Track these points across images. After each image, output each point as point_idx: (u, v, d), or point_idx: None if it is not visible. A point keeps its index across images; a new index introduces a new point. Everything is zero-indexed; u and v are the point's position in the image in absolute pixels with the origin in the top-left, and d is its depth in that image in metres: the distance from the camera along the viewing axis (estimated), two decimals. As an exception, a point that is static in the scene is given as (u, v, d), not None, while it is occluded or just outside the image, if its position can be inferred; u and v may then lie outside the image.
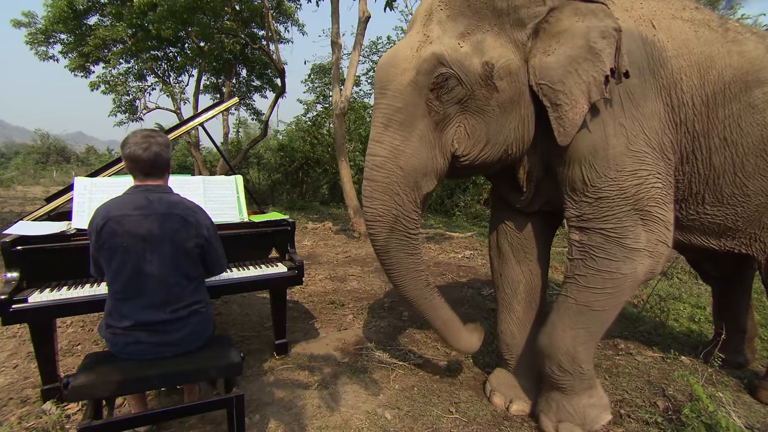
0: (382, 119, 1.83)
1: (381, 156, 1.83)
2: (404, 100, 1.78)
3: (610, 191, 1.90)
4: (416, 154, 1.82)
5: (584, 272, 2.01)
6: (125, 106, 13.26)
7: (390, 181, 1.83)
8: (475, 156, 1.88)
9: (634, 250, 1.94)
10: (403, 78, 1.77)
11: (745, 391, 2.64)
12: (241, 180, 2.90)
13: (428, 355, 3.01)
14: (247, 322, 3.60)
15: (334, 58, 7.30)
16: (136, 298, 1.68)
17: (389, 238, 1.90)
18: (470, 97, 1.78)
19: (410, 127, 1.80)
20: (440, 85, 1.75)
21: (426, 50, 1.75)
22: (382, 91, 1.83)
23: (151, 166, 1.76)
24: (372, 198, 1.86)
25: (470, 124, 1.83)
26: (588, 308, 2.01)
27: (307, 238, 7.41)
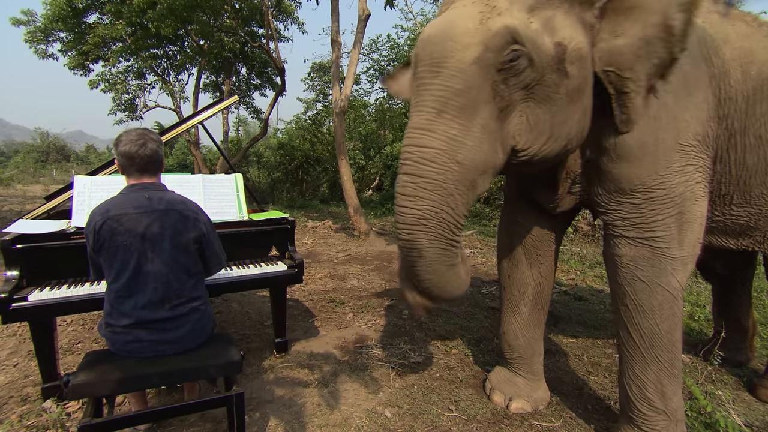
0: (435, 103, 1.51)
1: (433, 148, 1.50)
2: (466, 81, 1.48)
3: (660, 191, 1.75)
4: (477, 146, 1.52)
5: (638, 299, 1.83)
6: (125, 105, 13.28)
7: (443, 179, 1.51)
8: (536, 151, 1.64)
9: (679, 259, 1.81)
10: (466, 54, 1.48)
11: (745, 389, 2.65)
12: (241, 178, 2.90)
13: (428, 353, 3.01)
14: (247, 321, 3.60)
15: (334, 56, 7.29)
16: (137, 297, 1.68)
17: (431, 247, 1.56)
18: (538, 83, 1.54)
19: (471, 115, 1.50)
20: (510, 65, 1.48)
21: (496, 22, 1.48)
22: (434, 69, 1.52)
23: (147, 163, 1.75)
24: (416, 197, 1.53)
25: (534, 114, 1.58)
26: (658, 338, 1.84)
27: (307, 236, 7.41)
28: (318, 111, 15.12)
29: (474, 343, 3.18)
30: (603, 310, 4.01)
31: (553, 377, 2.68)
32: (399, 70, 2.22)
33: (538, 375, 2.43)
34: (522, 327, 2.40)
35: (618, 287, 1.90)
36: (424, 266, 1.59)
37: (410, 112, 1.61)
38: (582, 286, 4.78)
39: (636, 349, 1.89)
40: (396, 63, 11.75)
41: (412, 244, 1.58)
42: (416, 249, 1.58)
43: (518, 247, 2.36)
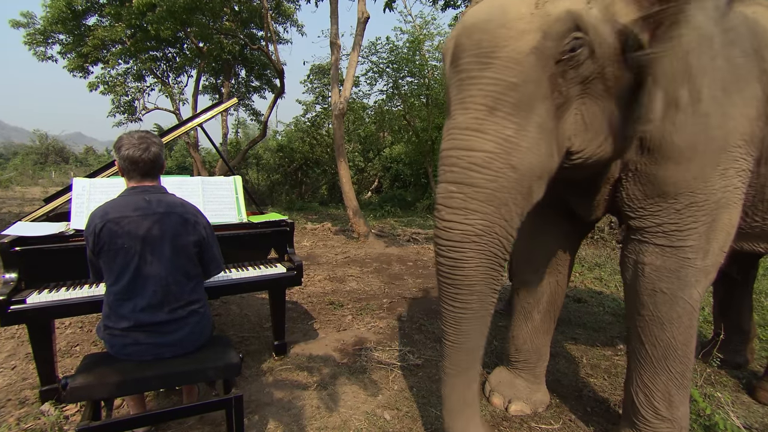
0: (485, 100, 1.33)
1: (485, 151, 1.32)
2: (522, 74, 1.31)
3: (701, 196, 1.62)
4: (534, 149, 1.35)
5: (657, 311, 1.73)
6: (124, 107, 13.28)
7: (498, 187, 1.33)
8: (591, 153, 1.49)
9: (702, 270, 1.70)
10: (522, 43, 1.30)
11: (744, 392, 2.64)
12: (240, 181, 2.90)
13: (427, 355, 3.01)
14: (246, 323, 3.59)
15: (333, 58, 7.30)
16: (136, 299, 1.68)
17: (480, 267, 1.38)
18: (597, 77, 1.39)
19: (527, 112, 1.33)
20: (570, 56, 1.32)
21: (556, 6, 1.32)
22: (483, 60, 1.34)
23: (150, 166, 1.75)
24: (466, 210, 1.34)
25: (590, 112, 1.43)
26: (672, 349, 1.76)
27: (306, 238, 7.41)
28: (317, 113, 15.14)
29: (473, 345, 3.18)
30: (602, 312, 4.01)
31: (553, 379, 2.68)
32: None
33: (539, 378, 2.42)
34: (532, 333, 2.36)
35: (636, 296, 1.80)
36: (467, 290, 1.41)
37: (451, 109, 1.42)
38: (581, 288, 4.78)
39: (647, 359, 1.81)
40: (395, 65, 11.74)
41: (457, 264, 1.38)
42: (462, 270, 1.39)
43: (538, 254, 2.26)
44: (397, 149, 14.68)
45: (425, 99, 12.04)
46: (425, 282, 4.91)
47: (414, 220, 9.97)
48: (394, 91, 12.32)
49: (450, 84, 1.46)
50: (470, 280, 1.41)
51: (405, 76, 12.01)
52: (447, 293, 1.47)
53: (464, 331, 1.53)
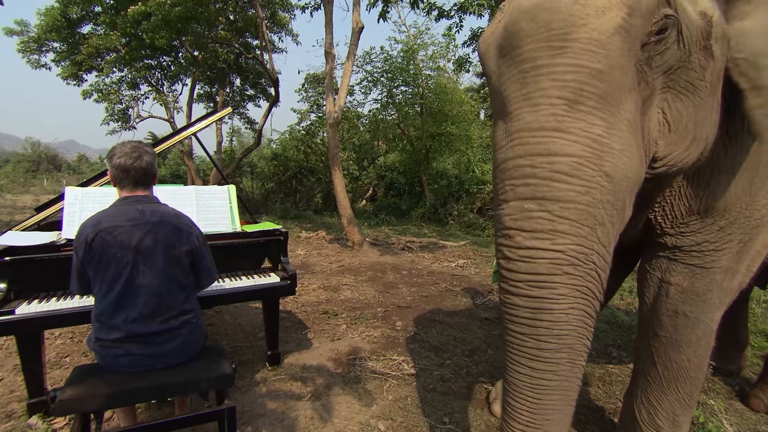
0: (563, 92, 1.07)
1: (571, 155, 1.05)
2: (608, 59, 1.06)
3: (746, 212, 1.48)
4: (627, 151, 1.09)
5: (676, 333, 1.62)
6: (118, 115, 13.26)
7: (591, 200, 1.05)
8: (677, 159, 1.24)
9: (728, 291, 1.60)
10: (605, 21, 1.05)
11: (737, 399, 2.66)
12: (233, 190, 2.90)
13: (422, 365, 3.00)
14: (240, 333, 3.56)
15: (328, 68, 7.34)
16: (128, 310, 1.66)
17: (574, 310, 1.09)
18: (683, 65, 1.16)
19: (616, 106, 1.08)
20: (658, 38, 1.10)
21: None
22: (556, 44, 1.08)
23: (142, 176, 1.74)
24: (555, 233, 1.06)
25: (674, 110, 1.19)
26: (684, 371, 1.66)
27: (301, 247, 7.38)
28: (312, 122, 15.19)
29: (468, 354, 3.17)
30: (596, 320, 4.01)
31: (547, 388, 2.68)
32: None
33: None
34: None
35: (655, 316, 1.67)
36: (556, 343, 1.09)
37: (509, 109, 1.15)
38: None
39: (657, 379, 1.72)
40: (389, 74, 11.84)
41: (544, 306, 1.07)
42: (552, 314, 1.07)
43: None
44: (392, 158, 14.74)
45: (419, 108, 12.12)
46: (420, 291, 4.90)
47: (408, 229, 9.98)
48: (389, 100, 12.40)
49: (503, 81, 1.19)
50: (560, 329, 1.08)
51: (399, 85, 12.12)
52: (523, 350, 1.12)
53: (546, 408, 1.15)
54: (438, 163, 12.93)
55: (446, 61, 12.21)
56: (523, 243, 1.08)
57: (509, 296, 1.14)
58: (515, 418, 1.18)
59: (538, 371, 1.12)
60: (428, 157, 12.43)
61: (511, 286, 1.12)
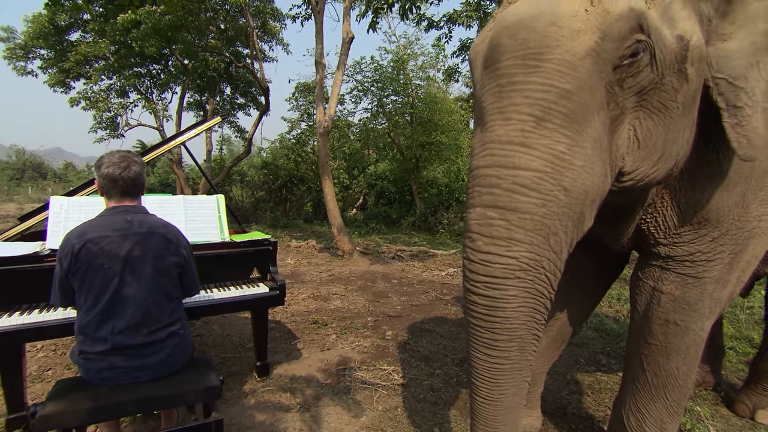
0: (532, 109, 1.14)
1: (532, 170, 1.13)
2: (577, 80, 1.12)
3: (738, 224, 1.53)
4: (588, 167, 1.16)
5: (666, 342, 1.65)
6: (106, 123, 13.14)
7: (547, 212, 1.14)
8: (644, 174, 1.31)
9: (719, 301, 1.64)
10: (577, 44, 1.12)
11: (723, 405, 2.69)
12: (222, 199, 2.88)
13: (412, 374, 2.99)
14: (228, 343, 3.52)
15: (318, 77, 7.38)
16: (114, 322, 1.63)
17: (523, 308, 1.20)
18: (655, 87, 1.22)
19: (581, 125, 1.15)
20: (630, 61, 1.16)
21: (617, 4, 1.14)
22: (530, 63, 1.14)
23: (130, 185, 1.73)
24: (510, 240, 1.15)
25: (645, 128, 1.26)
26: (673, 379, 1.69)
27: (291, 256, 7.34)
28: (302, 130, 15.21)
29: (458, 363, 3.17)
30: (585, 328, 4.04)
31: (537, 397, 2.68)
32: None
33: (533, 402, 2.34)
34: (536, 357, 2.24)
35: (646, 324, 1.71)
36: (506, 335, 1.21)
37: (486, 120, 1.22)
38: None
39: (646, 386, 1.74)
40: (380, 84, 11.92)
41: (496, 304, 1.18)
42: (503, 312, 1.18)
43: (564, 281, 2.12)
44: (382, 166, 14.79)
45: (409, 117, 12.22)
46: (410, 300, 4.89)
47: (399, 237, 9.99)
48: (379, 109, 12.48)
49: (483, 91, 1.25)
50: (511, 324, 1.20)
51: (389, 94, 12.22)
52: (481, 340, 1.25)
53: (500, 386, 1.29)
54: (428, 171, 13.01)
55: (436, 71, 12.39)
56: (483, 247, 1.18)
57: (469, 294, 1.25)
58: (478, 393, 1.35)
59: (493, 357, 1.26)
60: (418, 166, 12.50)
61: (471, 285, 1.23)
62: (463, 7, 7.02)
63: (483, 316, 1.22)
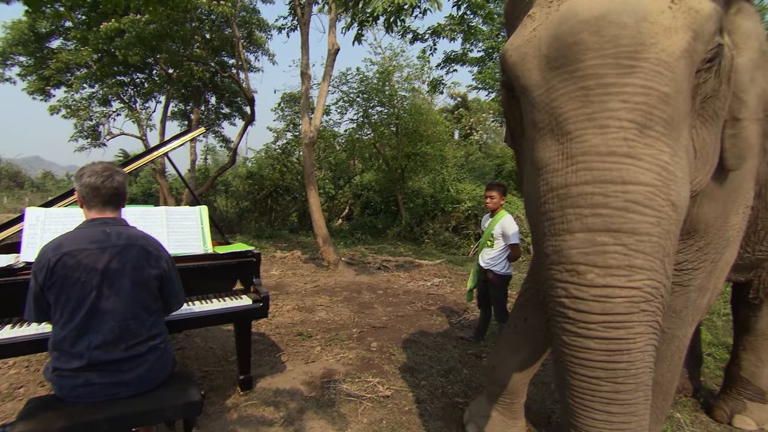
0: (634, 114, 1.01)
1: (644, 185, 1.00)
2: (675, 83, 1.02)
3: (720, 233, 1.55)
4: (686, 179, 1.07)
5: (658, 347, 1.70)
6: (88, 132, 12.90)
7: (662, 232, 1.01)
8: (698, 185, 1.25)
9: (700, 308, 1.67)
10: (672, 43, 1.02)
11: (703, 411, 2.73)
12: (206, 210, 2.85)
13: (397, 386, 2.97)
14: (211, 357, 3.46)
15: (304, 88, 7.40)
16: (90, 337, 1.59)
17: (648, 348, 1.04)
18: (714, 94, 1.17)
19: (678, 132, 1.05)
20: (709, 66, 1.10)
21: (701, 2, 1.05)
22: (625, 63, 1.02)
23: (112, 195, 1.69)
24: (631, 269, 0.99)
25: (700, 137, 1.20)
26: (658, 385, 1.66)
27: (275, 267, 7.27)
28: (288, 140, 15.17)
29: (443, 374, 3.17)
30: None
31: (521, 407, 2.69)
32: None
33: (516, 413, 2.33)
34: (516, 368, 2.23)
35: None
36: (633, 383, 1.03)
37: (570, 129, 1.07)
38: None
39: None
40: (365, 95, 12.01)
41: (621, 347, 1.00)
42: (629, 354, 1.01)
43: None
44: (368, 177, 14.81)
45: (395, 128, 12.30)
46: (395, 310, 4.88)
47: (384, 248, 9.98)
48: (365, 119, 12.54)
49: (556, 95, 1.10)
50: (637, 368, 1.01)
51: (375, 105, 12.29)
52: (599, 395, 1.04)
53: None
54: (413, 182, 13.08)
55: (421, 82, 12.52)
56: (597, 280, 1.00)
57: (579, 339, 1.04)
58: None
59: (617, 414, 1.04)
60: (404, 177, 12.56)
61: (582, 328, 1.03)
62: (447, 21, 7.15)
63: (602, 364, 1.02)
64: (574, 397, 1.08)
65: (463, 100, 17.79)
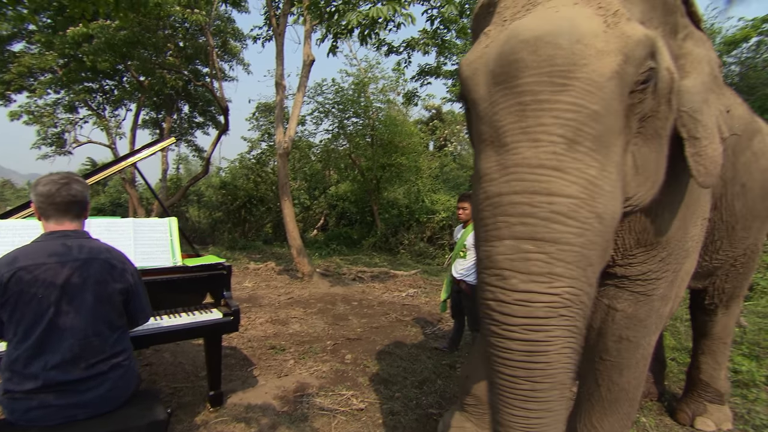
0: (563, 130, 1.08)
1: (569, 197, 1.06)
2: (605, 102, 1.09)
3: (681, 244, 1.64)
4: (615, 194, 1.14)
5: (619, 357, 1.70)
6: (52, 139, 12.45)
7: (585, 242, 1.07)
8: (639, 200, 1.31)
9: (663, 317, 1.74)
10: (603, 64, 1.09)
11: (667, 414, 2.82)
12: (175, 222, 2.79)
13: (371, 399, 2.95)
14: (180, 372, 3.35)
15: (278, 98, 7.38)
16: (47, 356, 1.51)
17: (565, 351, 1.09)
18: (653, 114, 1.26)
19: (608, 149, 1.12)
20: (642, 87, 1.17)
21: (633, 28, 1.14)
22: (558, 81, 1.09)
23: (70, 203, 1.61)
24: (552, 276, 1.05)
25: (641, 154, 1.27)
26: (624, 392, 1.75)
27: (249, 279, 7.15)
28: (263, 150, 15.04)
29: (417, 385, 3.17)
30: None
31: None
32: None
33: (488, 423, 2.28)
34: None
35: (601, 341, 1.74)
36: (549, 383, 1.08)
37: (506, 140, 1.13)
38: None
39: (600, 401, 1.80)
40: (341, 106, 12.05)
41: (539, 349, 1.06)
42: (546, 356, 1.06)
43: None
44: (343, 187, 14.82)
45: (370, 139, 12.38)
46: (370, 322, 4.87)
47: (360, 258, 9.96)
48: (340, 130, 12.58)
49: (496, 109, 1.16)
50: (554, 369, 1.07)
51: (350, 116, 12.36)
52: (518, 392, 1.10)
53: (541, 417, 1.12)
54: (389, 192, 13.16)
55: (396, 94, 12.67)
56: (520, 286, 1.05)
57: (502, 340, 1.10)
58: None
59: (533, 410, 1.11)
60: (379, 187, 12.62)
61: (505, 330, 1.09)
62: (421, 35, 7.30)
63: (522, 363, 1.08)
64: (498, 395, 1.15)
65: (437, 112, 18.08)
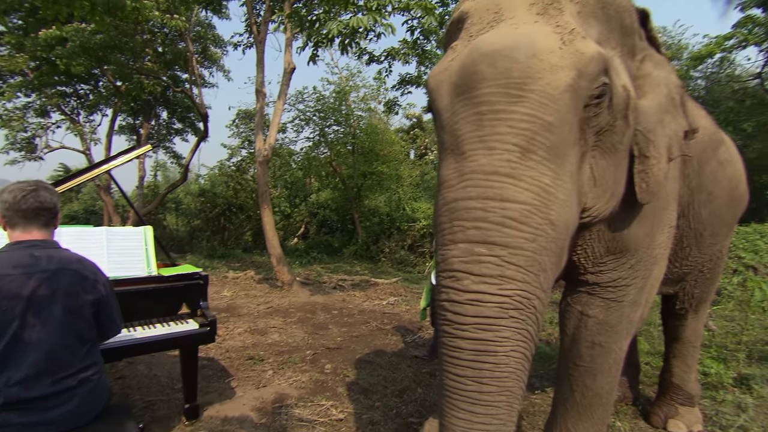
0: (518, 139, 1.12)
1: (521, 203, 1.10)
2: (558, 114, 1.15)
3: (649, 251, 1.70)
4: (569, 202, 1.18)
5: (593, 362, 1.74)
6: (21, 144, 12.02)
7: (537, 248, 1.11)
8: (599, 211, 1.37)
9: (634, 322, 1.79)
10: (558, 78, 1.15)
11: (641, 418, 2.88)
12: (150, 231, 2.74)
13: (351, 409, 2.93)
14: (155, 385, 3.26)
15: (259, 106, 7.34)
16: (9, 372, 1.45)
17: (514, 353, 1.10)
18: (609, 129, 1.31)
19: (562, 159, 1.17)
20: (596, 102, 1.23)
21: (587, 46, 1.20)
22: (514, 92, 1.14)
23: (37, 210, 1.54)
24: (502, 278, 1.08)
25: (599, 167, 1.32)
26: (598, 397, 1.79)
27: (227, 288, 7.03)
28: (243, 158, 14.88)
29: (397, 394, 3.16)
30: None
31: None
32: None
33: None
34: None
35: (574, 347, 1.79)
36: (496, 385, 1.09)
37: (464, 149, 1.18)
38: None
39: (575, 406, 1.83)
40: (322, 114, 12.05)
41: (488, 348, 1.07)
42: (494, 356, 1.07)
43: None
44: (324, 195, 14.76)
45: (351, 147, 12.40)
46: (350, 330, 4.84)
47: (341, 266, 9.92)
48: (321, 138, 12.57)
49: (456, 119, 1.22)
50: (502, 371, 1.08)
51: (332, 124, 12.37)
52: (464, 394, 1.10)
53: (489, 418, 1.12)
54: (370, 200, 13.17)
55: (377, 103, 12.75)
56: (472, 287, 1.09)
57: (453, 339, 1.12)
58: None
59: (478, 415, 1.10)
60: (360, 195, 12.63)
61: (456, 329, 1.11)
62: (401, 45, 7.38)
63: (470, 363, 1.09)
64: (445, 396, 1.15)
65: (418, 120, 18.26)
